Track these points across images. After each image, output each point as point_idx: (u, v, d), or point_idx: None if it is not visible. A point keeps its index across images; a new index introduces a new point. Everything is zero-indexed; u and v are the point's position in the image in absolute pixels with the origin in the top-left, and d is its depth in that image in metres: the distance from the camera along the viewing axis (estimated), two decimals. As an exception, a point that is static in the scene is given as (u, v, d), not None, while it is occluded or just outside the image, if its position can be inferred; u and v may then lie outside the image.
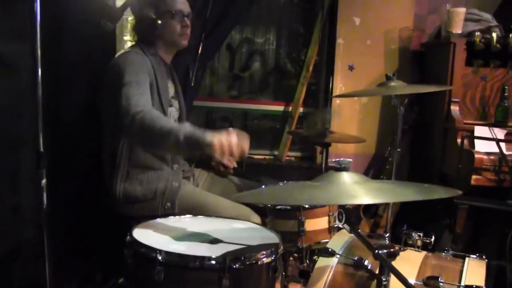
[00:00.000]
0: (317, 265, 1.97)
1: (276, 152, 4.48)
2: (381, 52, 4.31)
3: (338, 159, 1.57)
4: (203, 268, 1.65)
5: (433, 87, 2.73)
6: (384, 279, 1.44)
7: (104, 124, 2.47)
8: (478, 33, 3.70)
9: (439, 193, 1.45)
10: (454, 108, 3.67)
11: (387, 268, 1.40)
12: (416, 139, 4.18)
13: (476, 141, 3.44)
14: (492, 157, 3.30)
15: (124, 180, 2.40)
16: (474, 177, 3.29)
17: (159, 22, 2.49)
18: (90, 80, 2.67)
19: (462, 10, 3.78)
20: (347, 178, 1.52)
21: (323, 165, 3.43)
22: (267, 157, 4.48)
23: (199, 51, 3.79)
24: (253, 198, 1.71)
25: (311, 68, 4.31)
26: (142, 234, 1.86)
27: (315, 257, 2.71)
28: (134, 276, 1.80)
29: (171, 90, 2.62)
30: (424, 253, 2.09)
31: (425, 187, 1.50)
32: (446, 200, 3.41)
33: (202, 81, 4.30)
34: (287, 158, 4.43)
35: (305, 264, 2.62)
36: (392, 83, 2.68)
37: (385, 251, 1.39)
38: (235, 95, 4.58)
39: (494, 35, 3.67)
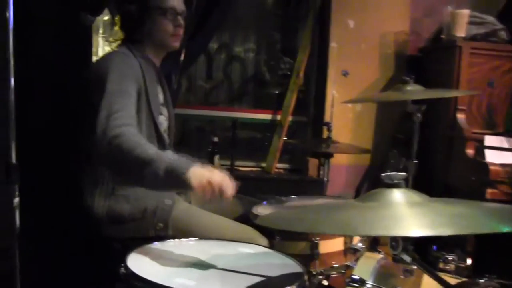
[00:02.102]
0: (347, 298, 1.65)
1: (263, 164, 4.15)
2: (376, 57, 4.06)
3: (389, 173, 1.25)
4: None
5: (457, 92, 2.45)
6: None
7: (83, 133, 2.10)
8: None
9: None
10: (461, 117, 3.41)
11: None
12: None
13: (486, 152, 3.17)
14: (507, 169, 3.04)
15: (109, 197, 2.07)
16: (489, 190, 3.02)
17: (148, 20, 2.19)
18: (66, 81, 2.31)
19: (466, 12, 3.57)
20: (402, 197, 1.21)
21: (325, 178, 3.11)
22: (254, 169, 4.14)
23: (182, 55, 3.46)
24: (284, 223, 1.36)
25: (301, 73, 4.02)
26: (138, 264, 1.50)
27: (324, 281, 2.43)
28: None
29: (161, 97, 2.31)
30: (464, 280, 1.78)
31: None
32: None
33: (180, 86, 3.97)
34: (276, 170, 4.10)
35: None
36: (409, 87, 2.40)
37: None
38: (214, 103, 4.26)
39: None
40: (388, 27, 4.06)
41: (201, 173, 1.67)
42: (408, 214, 1.17)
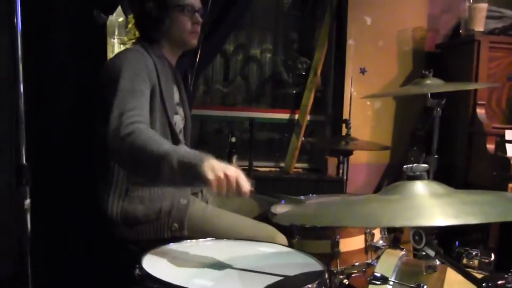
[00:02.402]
0: (369, 296, 1.61)
1: (282, 164, 4.12)
2: (394, 54, 4.01)
3: (411, 165, 1.22)
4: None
5: (476, 84, 2.40)
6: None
7: (97, 132, 2.09)
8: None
9: None
10: (480, 112, 3.35)
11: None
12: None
13: (508, 146, 3.11)
14: (530, 165, 2.98)
15: (123, 198, 2.04)
16: (511, 185, 2.96)
17: (167, 18, 2.15)
18: (78, 82, 2.30)
19: (484, 6, 3.53)
20: (425, 188, 1.18)
21: (344, 177, 3.07)
22: (272, 169, 4.11)
23: (198, 55, 3.44)
24: (305, 219, 1.34)
25: (319, 72, 3.98)
26: (154, 266, 1.47)
27: (345, 280, 2.40)
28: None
29: (176, 96, 2.28)
30: (489, 274, 1.73)
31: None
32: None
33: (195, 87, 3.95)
34: (295, 170, 4.07)
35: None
36: (428, 81, 2.36)
37: (497, 283, 1.02)
38: (231, 104, 4.23)
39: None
40: (405, 24, 4.02)
41: (217, 166, 1.63)
42: (432, 205, 1.14)
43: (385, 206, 1.20)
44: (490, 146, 3.16)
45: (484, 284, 1.01)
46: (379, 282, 1.63)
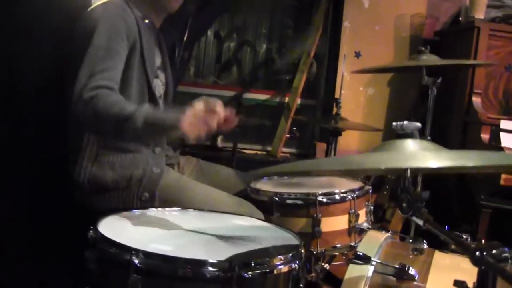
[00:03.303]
0: (348, 275, 1.47)
1: (269, 148, 3.97)
2: (390, 39, 3.87)
3: (401, 122, 1.10)
4: (199, 277, 1.14)
5: (474, 61, 2.28)
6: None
7: (67, 90, 1.94)
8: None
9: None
10: (476, 100, 3.22)
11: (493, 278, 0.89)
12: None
13: (502, 136, 2.99)
14: (524, 154, 2.85)
15: (92, 163, 1.90)
16: (503, 176, 2.83)
17: None
18: (52, 35, 2.14)
19: (486, -6, 3.38)
20: (417, 146, 1.07)
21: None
22: (259, 152, 3.97)
23: (188, 28, 3.30)
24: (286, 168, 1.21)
25: (312, 53, 3.82)
26: (112, 229, 1.33)
27: (325, 265, 2.27)
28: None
29: (158, 60, 2.13)
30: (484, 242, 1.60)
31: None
32: (467, 203, 2.98)
33: (186, 71, 3.87)
34: (282, 154, 3.93)
35: (313, 274, 2.14)
36: (425, 57, 2.24)
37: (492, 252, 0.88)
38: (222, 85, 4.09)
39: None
40: (404, 9, 3.88)
41: (184, 113, 1.58)
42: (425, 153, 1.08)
43: (371, 155, 1.10)
44: (485, 136, 3.03)
45: (477, 253, 0.87)
46: (360, 262, 1.50)
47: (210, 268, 1.13)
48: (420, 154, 1.07)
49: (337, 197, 1.97)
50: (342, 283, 1.48)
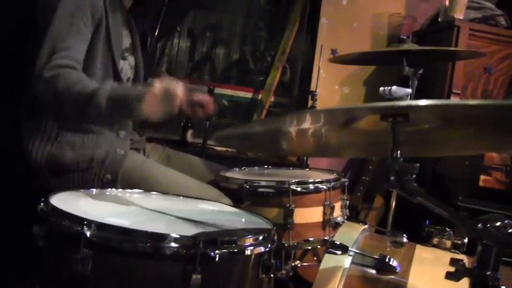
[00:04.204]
0: (323, 265, 1.35)
1: (241, 146, 3.83)
2: (367, 37, 3.78)
3: (389, 87, 0.98)
4: (160, 253, 1.00)
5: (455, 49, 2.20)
6: (495, 275, 0.80)
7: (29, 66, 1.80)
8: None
9: None
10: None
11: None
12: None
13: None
14: (503, 155, 2.78)
15: (51, 142, 1.77)
16: (482, 177, 2.75)
17: None
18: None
19: (466, -6, 3.33)
20: None
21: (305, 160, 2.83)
22: (229, 149, 3.83)
23: (160, 18, 3.17)
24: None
25: (288, 50, 3.72)
26: (65, 204, 1.18)
27: (297, 262, 2.14)
28: (48, 271, 1.13)
29: (126, 41, 2.02)
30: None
31: None
32: (445, 202, 2.90)
33: (158, 68, 3.72)
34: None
35: (283, 271, 2.01)
36: (406, 46, 2.15)
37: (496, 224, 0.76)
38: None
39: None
40: (382, 8, 3.79)
41: (150, 86, 1.54)
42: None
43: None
44: (465, 136, 2.95)
45: (480, 225, 0.76)
46: (338, 252, 1.38)
47: (172, 244, 0.99)
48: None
49: (311, 186, 1.85)
50: (317, 273, 1.36)
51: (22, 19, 1.96)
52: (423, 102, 0.79)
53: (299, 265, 2.12)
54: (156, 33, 3.15)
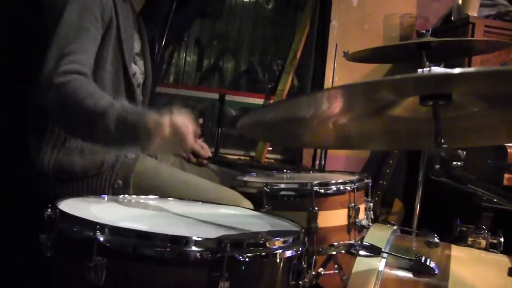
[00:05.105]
0: (356, 269, 1.25)
1: (252, 153, 3.74)
2: (379, 39, 3.69)
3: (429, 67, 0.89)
4: (182, 259, 0.90)
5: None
6: None
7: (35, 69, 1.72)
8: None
9: None
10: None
11: None
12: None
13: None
14: (527, 153, 2.67)
15: (58, 149, 1.68)
16: (507, 176, 2.64)
17: None
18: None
19: (479, -9, 3.26)
20: None
21: (323, 163, 2.73)
22: (242, 157, 3.74)
23: (168, 25, 3.11)
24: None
25: (299, 54, 3.63)
26: (74, 209, 1.07)
27: (320, 269, 2.05)
28: (57, 283, 1.03)
29: (137, 45, 1.94)
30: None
31: None
32: (464, 206, 2.79)
33: (166, 78, 3.65)
34: (266, 160, 3.69)
35: (306, 280, 1.91)
36: (426, 39, 2.07)
37: None
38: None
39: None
40: (393, 9, 3.71)
41: (161, 120, 1.41)
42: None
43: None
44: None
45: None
46: (369, 253, 1.28)
47: (195, 248, 0.88)
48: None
49: (334, 187, 1.74)
50: (350, 278, 1.25)
51: (28, 19, 1.88)
52: (472, 69, 0.68)
53: (322, 272, 2.03)
54: (164, 42, 3.10)
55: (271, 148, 3.71)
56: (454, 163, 0.83)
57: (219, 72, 3.93)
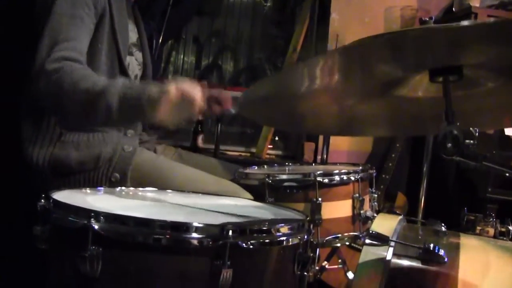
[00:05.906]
0: (363, 258, 1.21)
1: (253, 149, 3.70)
2: (380, 32, 3.61)
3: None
4: (182, 246, 0.85)
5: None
6: None
7: (28, 62, 1.68)
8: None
9: None
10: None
11: None
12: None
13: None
14: (532, 142, 2.65)
15: (54, 143, 1.64)
16: (512, 166, 2.60)
17: None
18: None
19: (481, -18, 3.23)
20: None
21: (325, 157, 2.69)
22: (243, 153, 3.70)
23: (165, 20, 3.08)
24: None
25: (299, 47, 3.59)
26: (68, 199, 1.03)
27: (324, 263, 2.01)
28: (52, 276, 0.99)
29: (133, 35, 1.91)
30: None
31: None
32: (468, 197, 2.75)
33: (165, 74, 3.66)
34: (267, 156, 3.65)
35: (310, 273, 1.87)
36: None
37: None
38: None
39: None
40: (394, 1, 3.67)
41: (165, 88, 1.39)
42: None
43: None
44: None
45: None
46: (377, 242, 1.23)
47: (196, 235, 0.84)
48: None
49: (338, 178, 1.69)
50: (357, 268, 1.21)
51: (20, 11, 1.84)
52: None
53: (326, 266, 1.99)
54: (161, 38, 3.07)
55: (271, 146, 3.67)
56: (467, 141, 0.79)
57: (218, 70, 3.90)
